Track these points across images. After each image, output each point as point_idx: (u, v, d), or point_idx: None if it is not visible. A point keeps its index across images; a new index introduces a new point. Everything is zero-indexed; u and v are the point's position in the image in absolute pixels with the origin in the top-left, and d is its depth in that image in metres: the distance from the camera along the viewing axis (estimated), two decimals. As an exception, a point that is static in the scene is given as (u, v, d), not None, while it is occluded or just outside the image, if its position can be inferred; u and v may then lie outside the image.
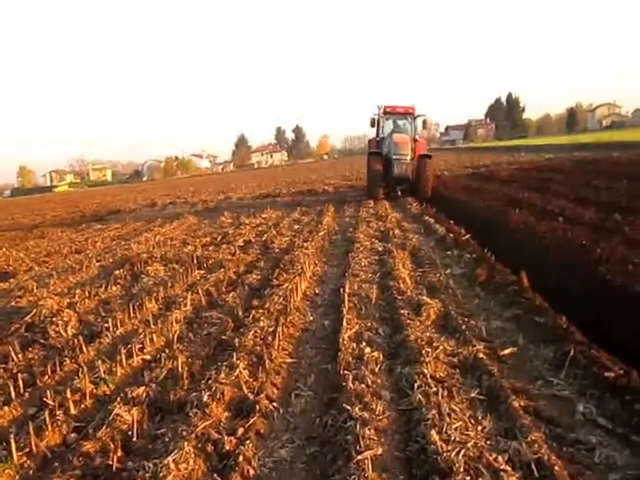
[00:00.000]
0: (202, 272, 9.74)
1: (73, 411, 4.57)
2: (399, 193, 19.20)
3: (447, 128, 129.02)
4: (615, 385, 4.01)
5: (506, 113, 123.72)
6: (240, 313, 6.87)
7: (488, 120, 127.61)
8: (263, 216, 17.63)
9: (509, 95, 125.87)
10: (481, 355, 4.82)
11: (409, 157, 17.95)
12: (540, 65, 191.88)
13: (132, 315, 7.22)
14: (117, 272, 10.18)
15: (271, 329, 6.04)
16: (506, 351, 5.06)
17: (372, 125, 19.58)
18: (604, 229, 8.83)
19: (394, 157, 17.94)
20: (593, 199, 12.24)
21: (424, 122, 20.55)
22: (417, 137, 19.10)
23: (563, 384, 4.37)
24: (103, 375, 5.15)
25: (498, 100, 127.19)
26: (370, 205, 17.03)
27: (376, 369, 4.84)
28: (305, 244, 11.17)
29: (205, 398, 4.42)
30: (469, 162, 36.07)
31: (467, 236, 10.39)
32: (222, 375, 4.84)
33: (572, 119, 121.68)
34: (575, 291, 6.47)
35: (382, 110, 19.33)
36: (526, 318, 5.83)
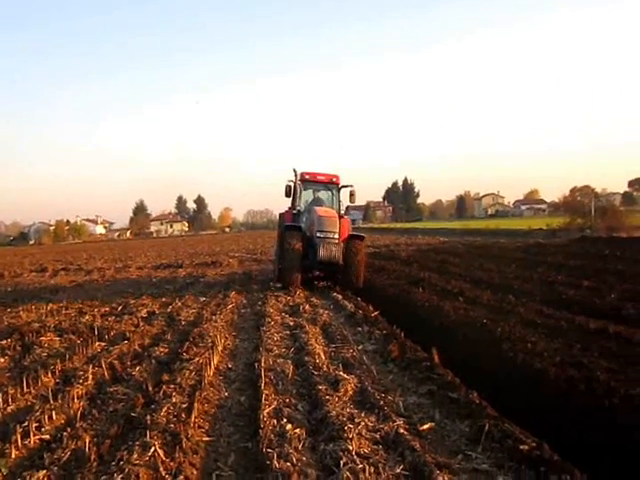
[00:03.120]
0: (103, 344, 9.13)
1: (-40, 500, 4.02)
2: (322, 282, 15.86)
3: (347, 208, 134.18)
4: (530, 457, 4.21)
5: (402, 197, 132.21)
6: (150, 388, 6.48)
7: (386, 202, 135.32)
8: (167, 286, 17.14)
9: (405, 180, 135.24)
10: (402, 430, 4.88)
11: (337, 236, 14.14)
12: (432, 155, 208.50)
13: (25, 390, 6.55)
14: (4, 342, 9.31)
15: (185, 405, 5.75)
16: (425, 426, 5.15)
17: (287, 194, 15.61)
18: (501, 310, 9.49)
19: (319, 235, 13.98)
20: (487, 281, 13.16)
21: (351, 194, 15.59)
22: (342, 213, 15.57)
23: (482, 458, 4.51)
24: (-5, 458, 4.61)
25: (395, 184, 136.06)
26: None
27: (299, 446, 4.72)
28: (214, 317, 10.92)
29: (118, 481, 4.07)
30: (369, 242, 37.55)
31: (376, 313, 10.68)
32: (135, 455, 4.47)
33: (462, 206, 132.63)
34: (482, 368, 6.83)
35: (299, 177, 15.53)
36: (440, 394, 6.01)
